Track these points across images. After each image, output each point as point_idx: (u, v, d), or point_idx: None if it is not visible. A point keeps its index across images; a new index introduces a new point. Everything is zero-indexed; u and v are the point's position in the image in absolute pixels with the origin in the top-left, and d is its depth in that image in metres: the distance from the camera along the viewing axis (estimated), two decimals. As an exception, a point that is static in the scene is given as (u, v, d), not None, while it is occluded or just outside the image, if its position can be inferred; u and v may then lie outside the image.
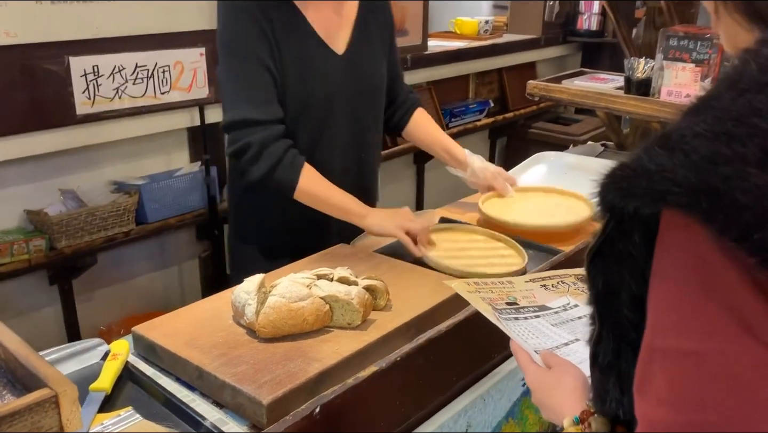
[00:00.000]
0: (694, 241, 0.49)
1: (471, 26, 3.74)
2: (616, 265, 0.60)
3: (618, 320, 0.62)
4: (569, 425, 0.72)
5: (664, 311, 0.53)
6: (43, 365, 0.61)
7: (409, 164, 3.50)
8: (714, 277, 0.49)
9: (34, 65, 1.91)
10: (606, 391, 0.66)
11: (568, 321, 1.01)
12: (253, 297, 1.11)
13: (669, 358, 0.52)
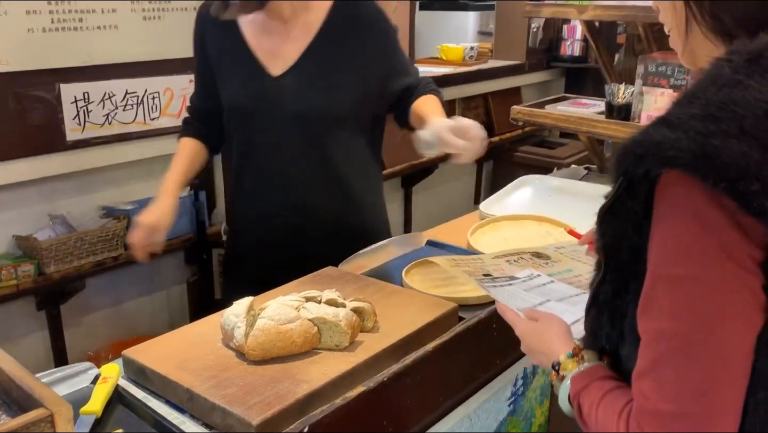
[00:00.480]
0: (691, 193, 0.65)
1: (456, 52, 3.81)
2: (621, 220, 0.74)
3: (618, 266, 0.76)
4: (565, 359, 0.85)
5: (666, 247, 0.68)
6: (38, 385, 0.63)
7: (397, 187, 3.54)
8: (706, 219, 0.65)
9: (25, 92, 1.94)
10: (600, 326, 0.81)
11: (536, 287, 1.17)
12: (242, 320, 1.13)
13: (671, 281, 0.68)
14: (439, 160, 3.53)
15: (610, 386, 0.78)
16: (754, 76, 0.66)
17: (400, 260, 1.66)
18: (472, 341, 1.17)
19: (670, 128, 0.65)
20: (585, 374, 0.82)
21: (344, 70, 1.58)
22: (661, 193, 0.68)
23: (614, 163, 0.71)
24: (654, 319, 0.69)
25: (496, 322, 1.23)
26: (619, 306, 0.78)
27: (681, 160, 0.64)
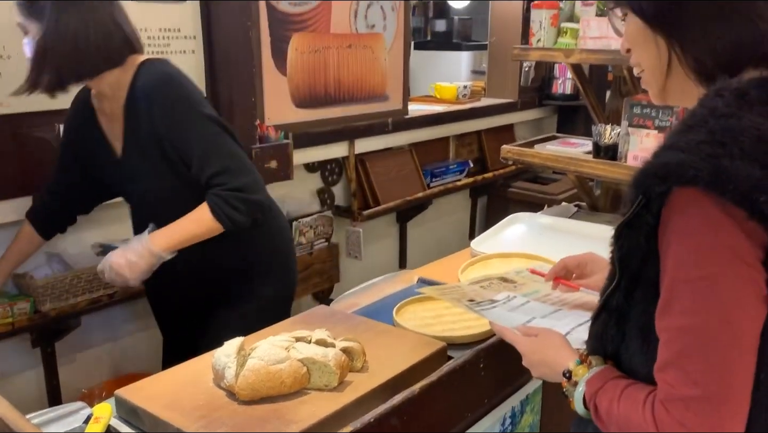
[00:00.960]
0: (704, 206, 0.75)
1: (450, 91, 3.87)
2: (636, 232, 0.82)
3: (631, 274, 0.85)
4: (575, 366, 0.93)
5: (685, 254, 0.77)
6: (29, 427, 0.65)
7: (392, 223, 3.57)
8: (719, 227, 0.75)
9: (25, 133, 1.97)
10: (606, 330, 0.90)
11: (517, 307, 1.24)
12: (232, 360, 1.15)
13: (690, 282, 0.77)
14: (433, 195, 3.59)
15: (626, 383, 0.86)
16: (744, 109, 0.77)
17: (392, 298, 1.68)
18: (459, 380, 1.19)
19: (682, 152, 0.76)
20: (599, 377, 0.89)
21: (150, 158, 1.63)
22: (675, 208, 0.78)
23: (634, 184, 0.81)
24: (676, 317, 0.79)
25: (483, 361, 1.25)
26: (625, 310, 0.87)
27: (701, 179, 0.74)
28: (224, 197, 1.55)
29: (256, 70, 2.49)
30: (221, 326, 1.49)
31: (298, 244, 2.81)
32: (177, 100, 1.58)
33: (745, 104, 0.78)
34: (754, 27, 0.81)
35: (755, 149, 0.74)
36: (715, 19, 0.82)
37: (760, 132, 0.75)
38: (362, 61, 2.96)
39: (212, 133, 1.59)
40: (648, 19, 0.86)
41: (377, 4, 2.99)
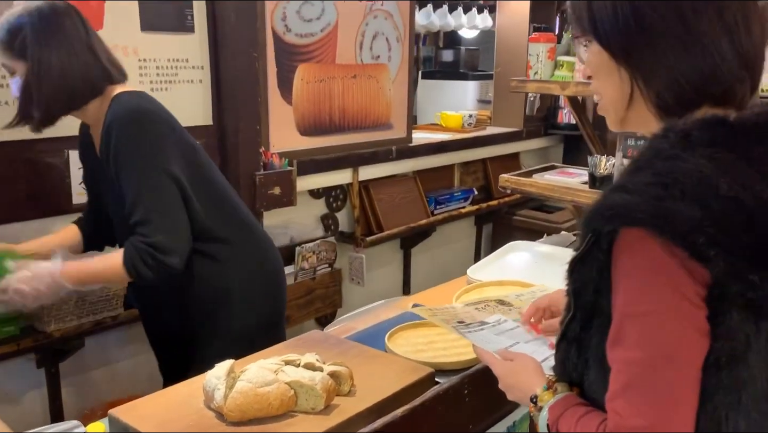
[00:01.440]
0: (648, 246, 0.78)
1: (455, 120, 3.93)
2: (588, 267, 0.86)
3: (584, 305, 0.89)
4: (541, 392, 0.96)
5: (631, 291, 0.81)
6: None
7: (396, 249, 3.61)
8: (662, 266, 0.78)
9: (36, 158, 2.04)
10: (568, 358, 0.93)
11: (505, 331, 1.28)
12: (222, 382, 1.18)
13: (637, 317, 0.80)
14: (437, 222, 3.62)
15: (584, 411, 0.89)
16: (687, 151, 0.80)
17: (387, 323, 1.71)
18: (443, 405, 1.22)
19: (628, 193, 0.79)
20: (561, 403, 0.93)
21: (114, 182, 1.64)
22: (622, 247, 0.81)
23: (584, 223, 0.85)
24: (624, 350, 0.82)
25: (468, 387, 1.28)
26: (584, 339, 0.90)
27: (643, 220, 0.77)
28: (137, 248, 1.53)
29: (262, 99, 2.56)
30: (205, 355, 1.49)
31: (301, 269, 2.85)
32: (131, 140, 1.56)
33: (688, 146, 0.80)
34: (716, 66, 0.83)
35: (696, 191, 0.77)
36: (679, 55, 0.83)
37: (702, 174, 0.78)
38: (367, 91, 3.03)
39: (150, 183, 1.56)
40: (614, 51, 0.87)
41: (382, 36, 3.06)
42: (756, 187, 0.78)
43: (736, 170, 0.79)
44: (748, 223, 0.77)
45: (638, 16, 0.84)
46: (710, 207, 0.76)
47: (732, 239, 0.76)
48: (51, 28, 1.57)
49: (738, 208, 0.77)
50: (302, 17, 2.68)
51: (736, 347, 0.79)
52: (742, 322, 0.78)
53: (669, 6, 0.83)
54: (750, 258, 0.77)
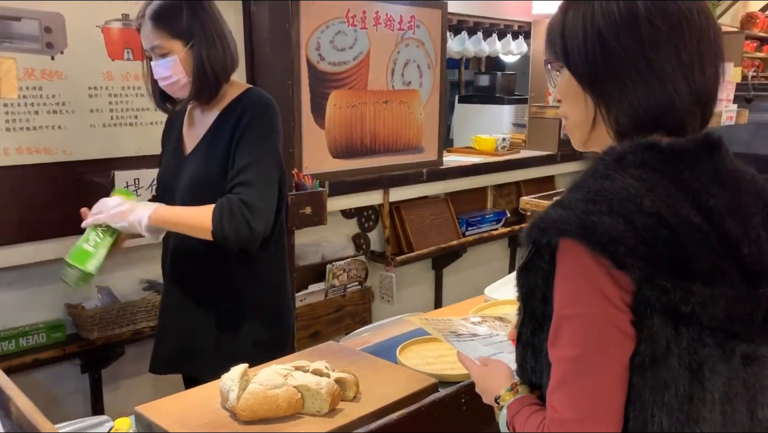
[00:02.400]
0: (579, 255, 0.86)
1: (489, 143, 4.01)
2: (533, 275, 0.94)
3: (533, 310, 0.96)
4: (504, 393, 1.04)
5: (564, 295, 0.89)
6: (40, 419, 0.81)
7: (427, 269, 3.69)
8: (590, 273, 0.86)
9: (84, 178, 2.22)
10: (525, 361, 1.00)
11: (494, 343, 1.36)
12: (236, 384, 1.29)
13: (568, 319, 0.88)
14: (468, 244, 3.69)
15: (534, 409, 0.98)
16: (619, 171, 0.88)
17: (400, 337, 1.80)
18: (439, 413, 1.30)
19: (563, 209, 0.88)
20: (517, 402, 1.01)
21: (220, 147, 1.74)
22: (559, 256, 0.89)
23: (525, 234, 0.93)
24: (558, 348, 0.90)
25: (465, 397, 1.35)
26: (537, 344, 0.97)
27: (570, 232, 0.86)
28: (231, 202, 1.63)
29: (296, 124, 2.70)
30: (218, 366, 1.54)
31: (332, 286, 2.96)
32: (264, 122, 1.73)
33: (620, 167, 0.88)
34: (672, 100, 0.91)
35: (622, 207, 0.85)
36: (639, 87, 0.91)
37: (628, 192, 0.85)
38: (398, 116, 3.15)
39: (265, 160, 1.70)
40: (580, 78, 0.95)
41: (414, 63, 3.18)
42: (678, 205, 0.86)
43: (661, 190, 0.86)
44: (670, 237, 0.84)
45: (605, 49, 0.92)
46: (633, 221, 0.84)
47: (651, 249, 0.83)
48: (206, 11, 1.74)
49: (660, 223, 0.84)
50: (335, 46, 2.82)
51: (656, 349, 0.86)
52: (662, 327, 0.86)
53: (633, 42, 0.91)
54: (671, 268, 0.84)
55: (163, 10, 1.71)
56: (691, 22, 0.91)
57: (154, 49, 1.72)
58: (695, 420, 0.88)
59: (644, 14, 0.90)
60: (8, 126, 2.04)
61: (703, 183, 0.89)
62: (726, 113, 2.15)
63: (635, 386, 0.87)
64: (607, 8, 0.92)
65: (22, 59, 2.03)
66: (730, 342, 0.89)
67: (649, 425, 0.88)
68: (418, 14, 3.15)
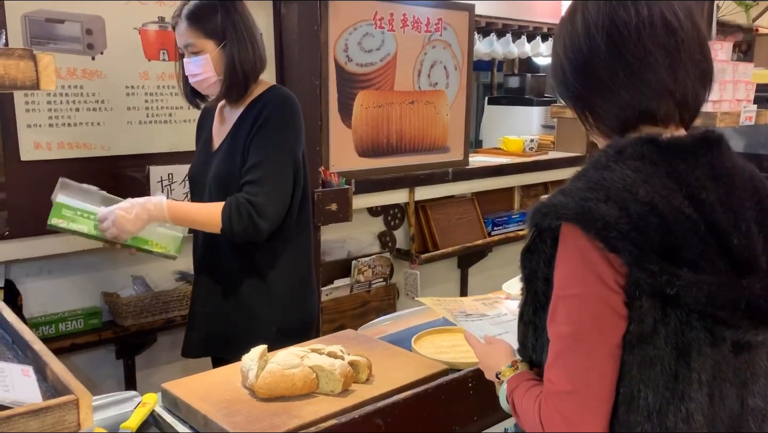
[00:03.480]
0: (577, 239, 0.92)
1: (517, 144, 4.04)
2: (536, 257, 1.01)
3: (535, 291, 1.03)
4: (505, 369, 1.12)
5: (563, 275, 0.95)
6: (73, 381, 0.90)
7: (453, 267, 3.74)
8: (587, 256, 0.92)
9: (121, 173, 2.34)
10: (526, 339, 1.07)
11: (501, 323, 1.43)
12: (255, 363, 1.37)
13: (565, 298, 0.95)
14: (494, 243, 3.73)
15: (532, 384, 1.05)
16: (618, 163, 0.95)
17: (416, 328, 1.86)
18: (445, 395, 1.36)
19: (564, 195, 0.95)
20: (517, 377, 1.08)
21: (236, 145, 1.84)
22: (560, 239, 0.96)
23: (529, 218, 1.01)
24: (556, 325, 0.97)
25: (472, 381, 1.41)
26: (538, 323, 1.04)
27: (568, 216, 0.93)
28: (239, 202, 1.73)
29: (323, 123, 2.79)
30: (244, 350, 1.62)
31: (357, 282, 3.04)
32: (280, 117, 1.81)
33: (620, 158, 0.95)
34: (641, 96, 0.98)
35: (618, 195, 0.91)
36: (598, 96, 1.01)
37: (625, 182, 0.92)
38: (424, 116, 3.21)
39: (276, 157, 1.78)
40: (562, 99, 1.10)
41: (440, 65, 3.25)
42: (671, 196, 0.92)
43: (656, 181, 0.93)
44: (661, 225, 0.90)
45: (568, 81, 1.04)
46: (628, 209, 0.90)
47: (642, 235, 0.89)
48: (239, 13, 1.83)
49: (652, 212, 0.90)
50: (363, 48, 2.90)
51: (644, 329, 0.92)
52: (650, 308, 0.92)
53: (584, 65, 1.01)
54: (659, 253, 0.89)
55: (199, 10, 1.81)
56: (643, 28, 0.98)
57: (188, 47, 1.82)
58: (680, 397, 0.94)
59: (595, 34, 1.00)
60: (51, 122, 2.17)
61: (697, 177, 0.96)
62: (745, 113, 2.16)
63: (625, 363, 0.94)
64: (566, 37, 1.04)
65: (65, 59, 2.15)
66: (719, 328, 0.94)
67: (636, 400, 0.94)
68: (445, 16, 3.21)
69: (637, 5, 0.99)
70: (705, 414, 0.96)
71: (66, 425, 0.85)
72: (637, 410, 0.94)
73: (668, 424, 0.94)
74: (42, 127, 2.15)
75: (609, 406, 0.94)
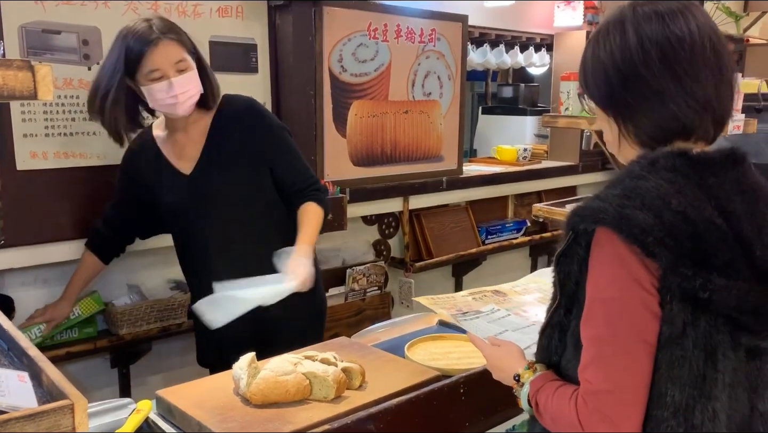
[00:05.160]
0: (614, 243, 0.97)
1: (510, 153, 4.07)
2: (570, 260, 1.05)
3: (568, 294, 1.07)
4: (523, 371, 1.15)
5: (599, 278, 1.00)
6: (68, 386, 0.91)
7: (447, 276, 3.75)
8: (624, 260, 0.96)
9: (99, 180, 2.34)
10: (551, 341, 1.12)
11: (497, 319, 1.46)
12: (245, 372, 1.39)
13: (603, 301, 0.99)
14: (488, 252, 3.75)
15: (560, 384, 1.08)
16: (652, 173, 1.00)
17: (410, 335, 1.88)
18: (437, 401, 1.37)
19: (600, 201, 1.00)
20: (540, 378, 1.12)
21: (235, 155, 1.93)
22: (595, 243, 1.00)
23: (566, 222, 1.05)
24: (592, 327, 1.01)
25: (464, 387, 1.43)
26: (565, 324, 1.09)
27: (607, 221, 0.97)
28: (324, 192, 2.04)
29: (318, 132, 2.81)
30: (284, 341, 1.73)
31: (351, 290, 3.05)
32: (273, 118, 1.99)
33: (653, 169, 1.01)
34: (688, 109, 1.04)
35: (653, 203, 0.96)
36: (645, 107, 1.06)
37: (659, 192, 0.98)
38: (418, 125, 3.24)
39: (297, 150, 2.01)
40: (600, 105, 1.13)
41: (434, 75, 3.28)
42: (702, 207, 0.98)
43: (688, 192, 0.98)
44: (693, 233, 0.95)
45: (613, 82, 1.08)
46: (662, 217, 0.96)
47: (676, 242, 0.94)
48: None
49: (685, 221, 0.96)
50: (357, 58, 2.93)
51: (673, 331, 0.97)
52: (680, 311, 0.96)
53: (640, 73, 1.05)
54: (692, 259, 0.95)
55: (172, 26, 1.84)
56: (696, 46, 1.04)
57: (179, 63, 1.82)
58: (708, 397, 0.99)
59: (649, 48, 1.04)
60: (47, 132, 2.19)
61: (726, 190, 1.02)
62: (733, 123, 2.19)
63: (658, 360, 0.99)
64: (615, 46, 1.08)
65: (62, 69, 2.17)
66: (737, 334, 1.00)
67: (663, 397, 0.98)
68: (439, 27, 3.24)
69: (689, 24, 1.05)
70: (728, 414, 1.01)
71: (61, 429, 0.86)
72: (665, 406, 0.98)
73: (695, 422, 0.99)
74: (38, 137, 2.17)
75: (645, 405, 0.99)
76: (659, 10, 1.06)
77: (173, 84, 1.80)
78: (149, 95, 1.82)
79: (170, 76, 1.80)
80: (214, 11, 2.49)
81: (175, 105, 1.84)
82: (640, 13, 1.07)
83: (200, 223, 1.98)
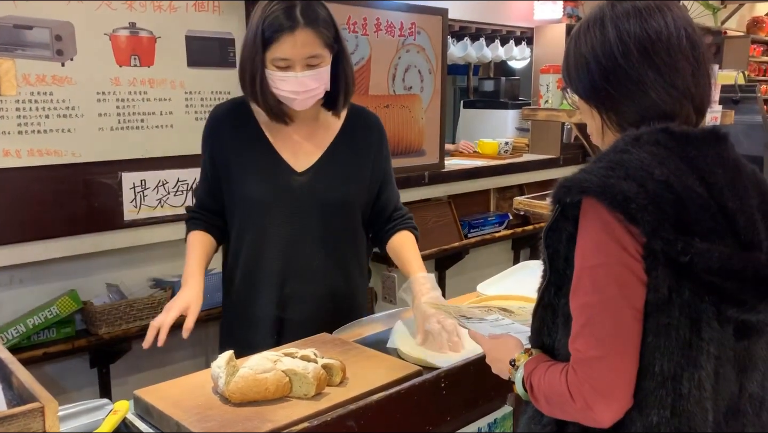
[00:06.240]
0: (598, 212, 0.99)
1: (492, 147, 4.08)
2: (558, 235, 1.06)
3: (557, 271, 1.08)
4: (519, 355, 1.17)
5: (587, 247, 1.01)
6: (39, 389, 0.89)
7: (430, 270, 3.69)
8: (609, 227, 0.98)
9: (93, 179, 2.32)
10: (544, 323, 1.12)
11: (501, 326, 1.46)
12: (223, 370, 1.37)
13: (590, 269, 1.01)
14: (470, 246, 3.76)
15: (551, 363, 1.10)
16: (635, 147, 1.03)
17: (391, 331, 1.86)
18: (418, 396, 1.37)
19: (586, 173, 1.03)
20: (533, 360, 1.13)
21: (352, 167, 1.82)
22: (582, 216, 1.02)
23: (552, 195, 1.06)
24: (581, 296, 1.02)
25: (445, 381, 1.42)
26: (556, 303, 1.09)
27: (591, 190, 1.00)
28: (413, 222, 1.99)
29: (297, 127, 2.78)
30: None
31: (333, 285, 3.03)
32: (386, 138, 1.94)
33: (637, 144, 1.04)
34: (668, 97, 1.08)
35: (637, 174, 0.99)
36: (625, 96, 1.10)
37: (642, 163, 1.01)
38: (399, 120, 3.22)
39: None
40: (583, 97, 1.16)
41: (415, 69, 3.26)
42: (684, 177, 1.00)
43: (670, 163, 1.01)
44: (676, 200, 0.98)
45: (595, 75, 1.12)
46: (646, 186, 0.98)
47: (659, 208, 0.97)
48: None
49: (667, 189, 0.98)
50: (336, 52, 2.91)
51: (659, 298, 0.99)
52: (666, 277, 0.98)
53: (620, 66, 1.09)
54: (674, 225, 0.97)
55: (319, 13, 1.63)
56: (672, 38, 1.08)
57: (311, 59, 1.62)
58: (694, 365, 1.01)
59: (628, 40, 1.08)
60: (20, 129, 2.15)
61: (708, 163, 1.04)
62: (711, 114, 2.21)
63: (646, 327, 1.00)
64: (595, 41, 1.11)
65: (34, 66, 2.13)
66: (724, 307, 1.01)
67: (651, 366, 1.00)
68: (419, 21, 3.23)
69: (665, 18, 1.08)
70: (713, 386, 1.02)
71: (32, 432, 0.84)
72: (653, 377, 1.00)
73: (683, 391, 1.00)
74: (11, 135, 2.13)
75: (635, 372, 0.99)
76: (637, 6, 1.10)
77: (298, 79, 1.62)
78: (269, 78, 1.65)
79: (297, 71, 1.62)
80: (190, 6, 2.46)
81: (293, 101, 1.67)
82: (619, 9, 1.11)
83: (288, 226, 1.77)
